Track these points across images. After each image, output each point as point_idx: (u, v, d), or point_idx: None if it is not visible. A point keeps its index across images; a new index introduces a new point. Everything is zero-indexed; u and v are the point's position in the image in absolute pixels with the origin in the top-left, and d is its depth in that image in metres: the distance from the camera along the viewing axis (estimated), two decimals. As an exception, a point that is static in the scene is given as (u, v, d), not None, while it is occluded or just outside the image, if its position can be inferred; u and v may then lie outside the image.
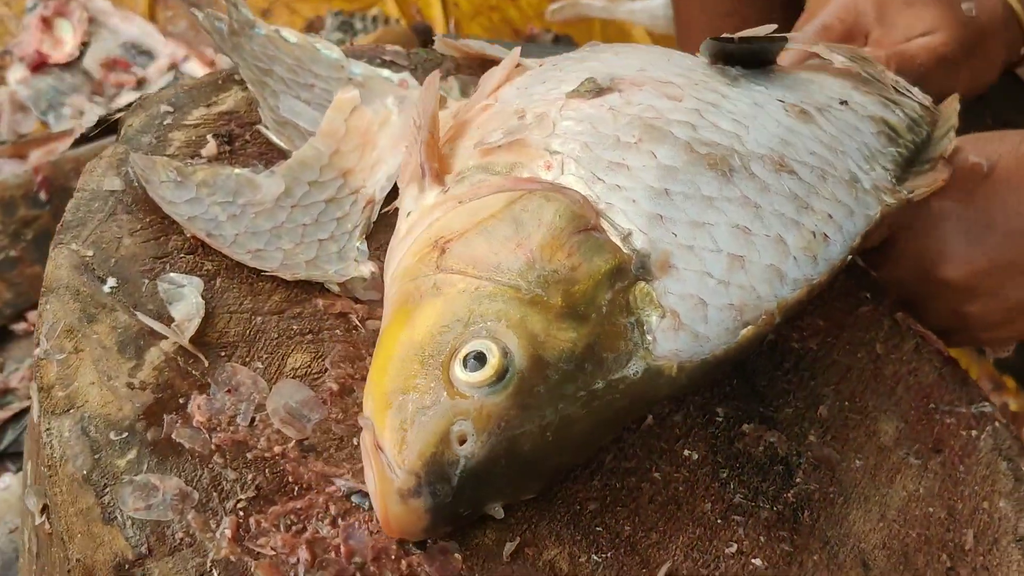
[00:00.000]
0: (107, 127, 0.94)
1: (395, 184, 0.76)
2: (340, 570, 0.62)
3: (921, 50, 0.95)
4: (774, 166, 0.69)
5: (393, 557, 0.63)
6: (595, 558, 0.68)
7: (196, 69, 1.68)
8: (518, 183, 0.65)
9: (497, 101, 0.74)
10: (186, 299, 0.68)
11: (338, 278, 0.72)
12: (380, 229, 0.76)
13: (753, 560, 0.71)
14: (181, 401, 0.66)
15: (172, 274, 0.69)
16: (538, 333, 0.60)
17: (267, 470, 0.65)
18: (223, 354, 0.68)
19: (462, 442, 0.59)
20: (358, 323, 0.72)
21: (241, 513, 0.63)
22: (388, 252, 0.69)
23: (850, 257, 0.72)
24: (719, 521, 0.72)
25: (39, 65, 1.66)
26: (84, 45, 1.69)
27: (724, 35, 0.81)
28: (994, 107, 1.02)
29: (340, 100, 0.79)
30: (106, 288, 0.68)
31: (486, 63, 0.88)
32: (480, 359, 0.59)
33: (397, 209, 0.71)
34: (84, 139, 1.35)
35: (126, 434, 0.64)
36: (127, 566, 0.61)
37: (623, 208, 0.65)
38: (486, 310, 0.61)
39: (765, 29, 0.84)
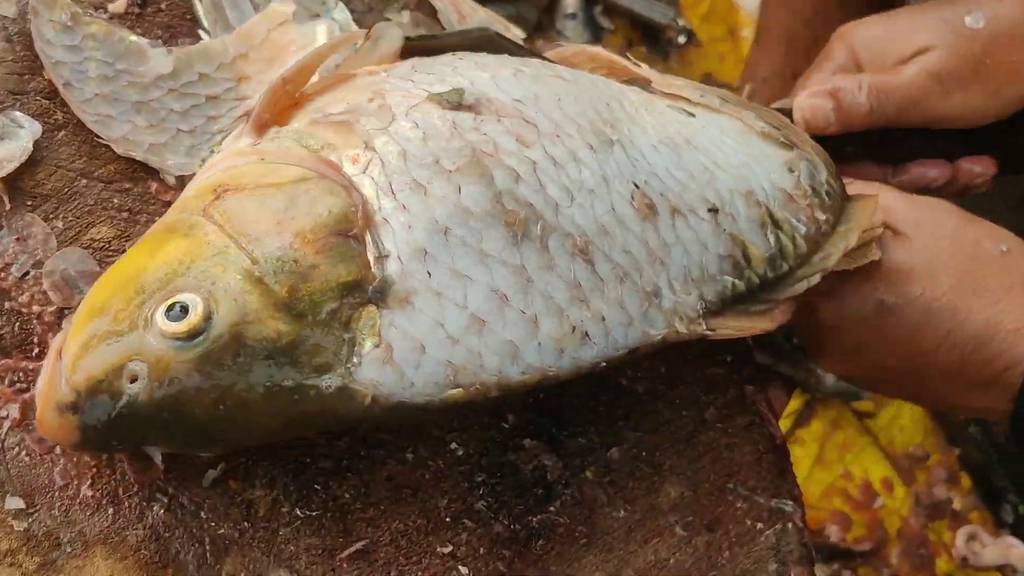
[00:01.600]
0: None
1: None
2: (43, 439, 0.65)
3: (913, 76, 0.88)
4: (574, 249, 0.66)
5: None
6: (298, 512, 0.69)
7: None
8: (318, 164, 0.65)
9: (385, 72, 0.72)
10: (18, 140, 0.70)
11: (175, 171, 0.73)
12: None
13: (461, 567, 0.72)
14: (-33, 233, 0.68)
15: (17, 112, 0.71)
16: (249, 312, 0.60)
17: (17, 324, 0.67)
18: (30, 203, 0.70)
19: (132, 380, 0.59)
20: (180, 217, 0.73)
21: (-27, 353, 0.66)
22: (194, 177, 0.69)
23: (603, 364, 0.69)
24: (447, 520, 0.72)
25: None
26: None
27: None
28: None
29: (273, 9, 0.79)
30: (-51, 104, 0.71)
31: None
32: (184, 311, 0.60)
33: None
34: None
35: (-97, 245, 0.67)
36: None
37: (397, 231, 0.63)
38: (217, 269, 0.61)
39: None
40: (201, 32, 0.79)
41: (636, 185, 0.70)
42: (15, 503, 0.64)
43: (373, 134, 0.65)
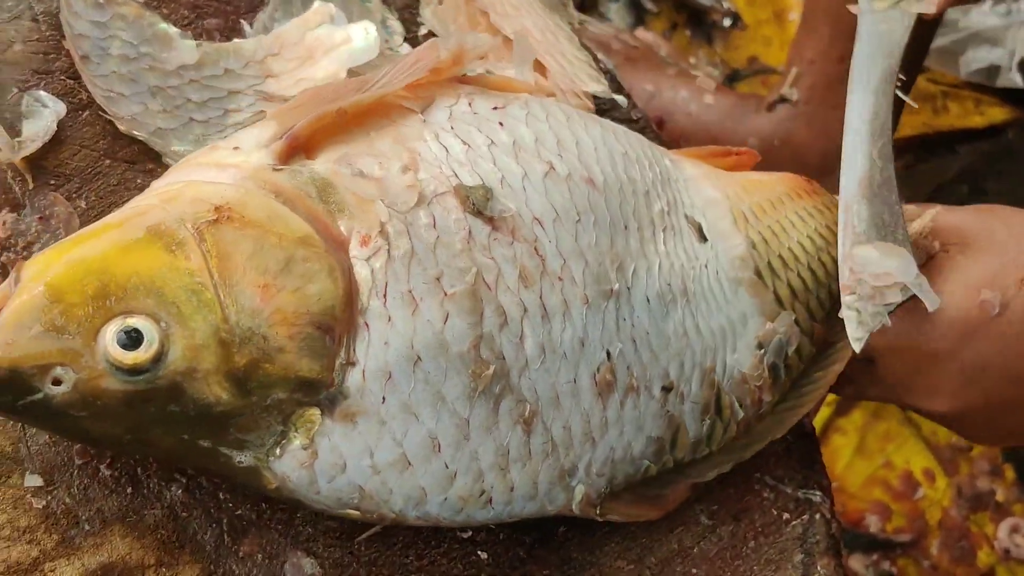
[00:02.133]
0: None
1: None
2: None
3: None
4: (520, 418, 0.64)
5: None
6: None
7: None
8: (328, 231, 0.61)
9: (424, 113, 0.67)
10: (43, 119, 0.71)
11: (176, 158, 0.72)
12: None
13: (480, 552, 0.72)
14: (-10, 212, 0.69)
15: (42, 92, 0.71)
16: (200, 370, 0.57)
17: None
18: (53, 183, 0.70)
19: (55, 383, 0.57)
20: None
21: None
22: (194, 153, 0.67)
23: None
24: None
25: None
26: None
27: None
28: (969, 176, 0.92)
29: (313, 12, 0.78)
30: (-24, 85, 0.71)
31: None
32: (135, 340, 0.57)
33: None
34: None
35: (-75, 224, 0.67)
36: None
37: (372, 342, 0.60)
38: (186, 308, 0.57)
39: None
40: (244, 23, 0.78)
41: (609, 355, 0.68)
42: (34, 480, 0.64)
43: (390, 220, 0.62)
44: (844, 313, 0.75)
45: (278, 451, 0.60)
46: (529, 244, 0.65)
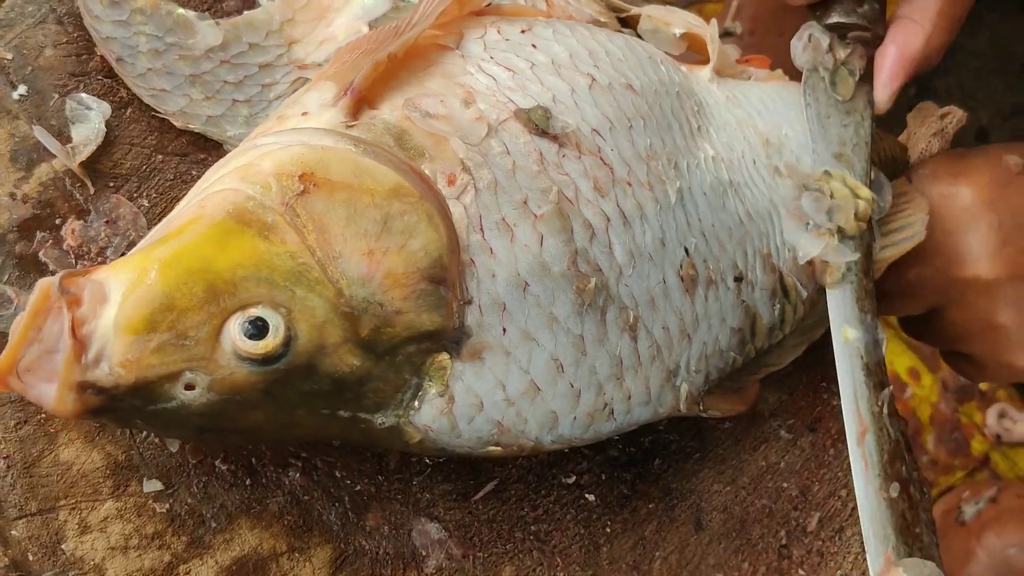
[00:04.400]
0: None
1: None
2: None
3: None
4: (625, 324, 0.65)
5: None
6: (427, 460, 0.69)
7: None
8: (414, 178, 0.60)
9: (458, 47, 0.67)
10: (90, 122, 0.69)
11: (236, 141, 0.71)
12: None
13: (587, 495, 0.72)
14: (57, 222, 0.67)
15: (83, 95, 0.70)
16: (327, 344, 0.57)
17: (123, 307, 0.66)
18: (112, 184, 0.69)
19: (188, 388, 0.56)
20: (259, 182, 0.72)
21: (87, 342, 0.65)
22: (260, 127, 0.65)
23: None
24: (566, 450, 0.72)
25: None
26: None
27: None
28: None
29: None
30: (15, 95, 0.69)
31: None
32: (260, 329, 0.56)
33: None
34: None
35: (-5, 242, 0.65)
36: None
37: (481, 276, 0.60)
38: (299, 291, 0.56)
39: None
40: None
41: (687, 251, 0.68)
42: (153, 486, 0.63)
43: (469, 154, 0.62)
44: None
45: (416, 403, 0.60)
46: (595, 155, 0.65)
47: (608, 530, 0.72)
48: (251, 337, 0.56)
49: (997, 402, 1.61)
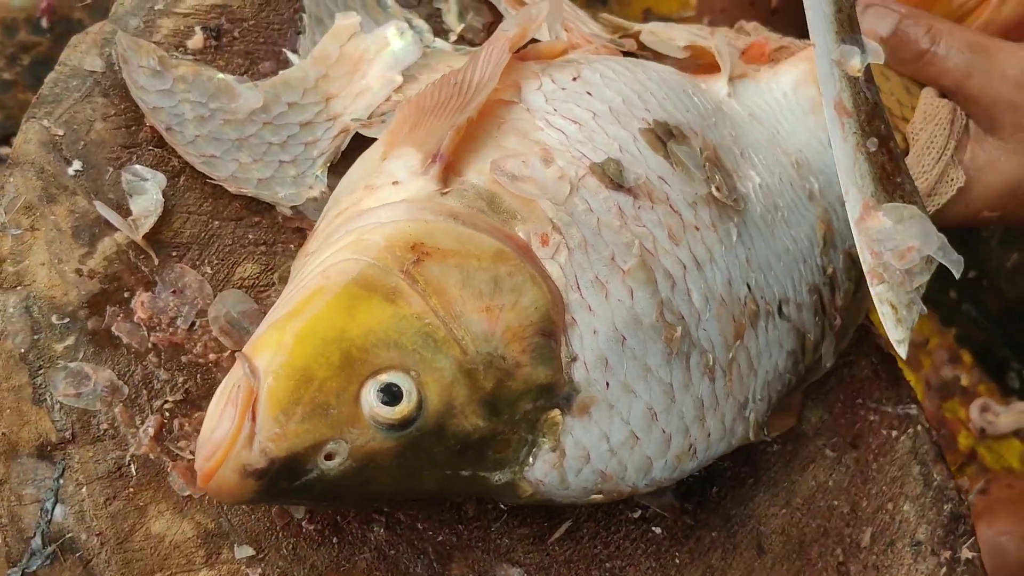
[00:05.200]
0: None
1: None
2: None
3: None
4: (705, 368, 0.66)
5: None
6: (501, 506, 0.70)
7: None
8: (512, 243, 0.62)
9: (521, 101, 0.68)
10: (147, 194, 0.69)
11: (287, 203, 0.72)
12: (346, 161, 0.74)
13: (654, 528, 0.74)
14: (126, 295, 0.67)
15: (138, 166, 0.70)
16: (456, 405, 0.58)
17: (199, 376, 0.67)
18: (175, 254, 0.69)
19: (329, 458, 0.57)
20: (313, 241, 0.72)
21: (167, 414, 0.65)
22: (348, 181, 0.68)
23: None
24: (628, 486, 0.74)
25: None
26: None
27: None
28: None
29: (339, 26, 0.78)
30: (71, 171, 0.69)
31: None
32: (395, 395, 0.57)
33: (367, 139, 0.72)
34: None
35: (68, 319, 0.66)
36: (49, 448, 0.63)
37: (584, 333, 0.62)
38: (427, 353, 0.58)
39: None
40: (287, 52, 0.78)
41: (749, 287, 0.70)
42: (245, 552, 0.64)
43: (558, 213, 0.63)
44: (880, 309, 0.73)
45: (531, 459, 0.61)
46: (664, 203, 0.67)
47: (677, 561, 0.73)
48: (386, 403, 0.57)
49: (979, 397, 1.65)
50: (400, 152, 0.66)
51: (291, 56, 0.78)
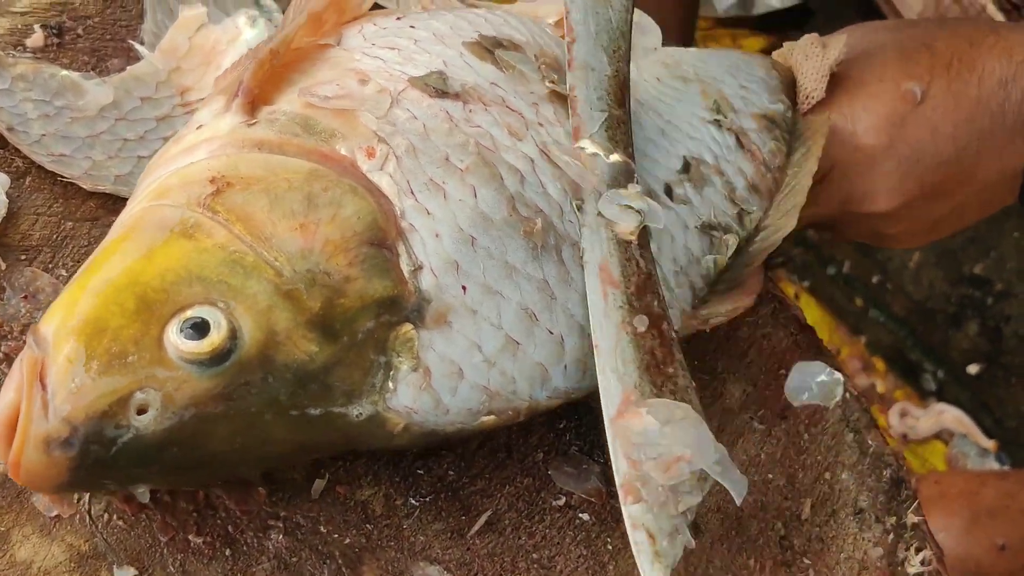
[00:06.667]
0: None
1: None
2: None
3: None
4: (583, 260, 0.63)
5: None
6: (412, 501, 0.64)
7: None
8: (331, 160, 0.58)
9: (339, 44, 0.65)
10: (-11, 195, 0.63)
11: None
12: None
13: (581, 514, 0.68)
14: (-30, 304, 0.61)
15: (-24, 168, 0.64)
16: (279, 331, 0.54)
17: (58, 385, 0.60)
18: (24, 258, 0.64)
19: (141, 412, 0.52)
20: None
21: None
22: (159, 153, 0.62)
23: None
24: (550, 472, 0.68)
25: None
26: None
27: None
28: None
29: (184, 18, 0.74)
30: (-100, 175, 0.63)
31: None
32: (201, 329, 0.52)
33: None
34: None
35: (-95, 334, 0.59)
36: None
37: (425, 239, 0.58)
38: (235, 281, 0.54)
39: None
40: (135, 44, 0.73)
41: None
42: (126, 573, 0.57)
43: (380, 124, 0.60)
44: (632, 537, 0.58)
45: (391, 384, 0.56)
46: (500, 104, 0.64)
47: (609, 547, 0.68)
48: (191, 338, 0.52)
49: (896, 402, 1.62)
50: (208, 100, 0.62)
51: (140, 49, 0.73)
